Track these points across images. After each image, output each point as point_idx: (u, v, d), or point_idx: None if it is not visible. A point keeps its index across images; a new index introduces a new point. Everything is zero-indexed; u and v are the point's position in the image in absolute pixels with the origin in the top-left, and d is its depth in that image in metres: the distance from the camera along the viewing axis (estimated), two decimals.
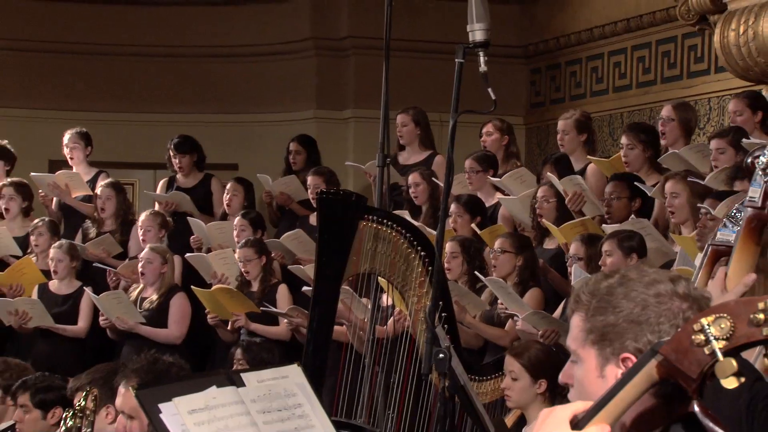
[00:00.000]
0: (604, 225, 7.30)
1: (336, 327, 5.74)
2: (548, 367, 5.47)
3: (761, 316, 2.24)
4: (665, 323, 2.46)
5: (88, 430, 4.46)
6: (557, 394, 5.41)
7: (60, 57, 11.83)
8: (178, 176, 9.95)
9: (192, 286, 8.32)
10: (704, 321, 2.29)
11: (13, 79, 11.72)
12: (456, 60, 4.55)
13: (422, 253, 5.10)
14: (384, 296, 5.89)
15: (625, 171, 7.76)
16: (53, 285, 8.84)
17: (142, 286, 8.52)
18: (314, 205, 8.28)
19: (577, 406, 2.40)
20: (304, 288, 7.61)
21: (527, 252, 7.27)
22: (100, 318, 8.41)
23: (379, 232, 5.07)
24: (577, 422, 2.37)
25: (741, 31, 8.02)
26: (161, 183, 10.22)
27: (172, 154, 9.91)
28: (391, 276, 5.16)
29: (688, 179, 6.81)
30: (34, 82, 11.77)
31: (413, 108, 9.42)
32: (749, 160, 6.13)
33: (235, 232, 8.82)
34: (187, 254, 8.96)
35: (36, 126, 11.37)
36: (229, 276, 8.42)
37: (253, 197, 9.57)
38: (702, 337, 2.28)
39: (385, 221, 5.09)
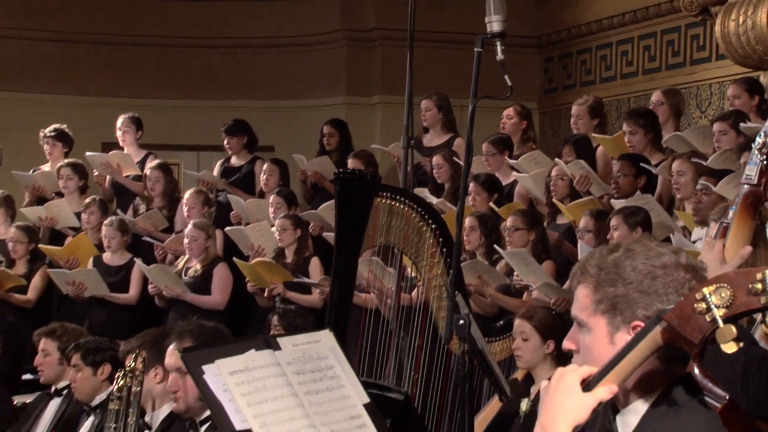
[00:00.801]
0: (612, 201, 7.29)
1: (359, 294, 5.75)
2: (555, 330, 5.48)
3: (759, 286, 2.23)
4: (673, 293, 2.44)
5: (138, 388, 4.47)
6: (564, 355, 5.42)
7: (114, 49, 11.88)
8: (232, 158, 10.00)
9: (234, 258, 8.34)
10: (706, 290, 2.29)
11: (72, 69, 11.78)
12: (475, 49, 4.54)
13: (433, 226, 5.08)
14: (408, 268, 5.89)
15: (630, 153, 7.75)
16: (106, 257, 8.88)
17: (188, 257, 8.55)
18: None
19: (584, 370, 2.40)
20: None
21: (538, 227, 7.28)
22: (150, 286, 8.45)
23: (393, 208, 5.06)
24: (587, 384, 2.37)
25: (740, 21, 8.00)
26: (218, 163, 10.23)
27: (222, 136, 9.95)
28: (405, 248, 5.15)
29: (692, 160, 6.81)
30: (90, 72, 11.81)
31: (436, 94, 9.42)
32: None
33: (270, 209, 8.83)
34: (227, 228, 8.98)
35: (92, 111, 11.42)
36: (265, 247, 8.43)
37: (288, 176, 9.58)
38: (704, 305, 2.28)
39: (398, 197, 5.08)
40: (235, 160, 10.00)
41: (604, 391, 2.35)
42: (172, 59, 11.97)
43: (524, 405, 5.47)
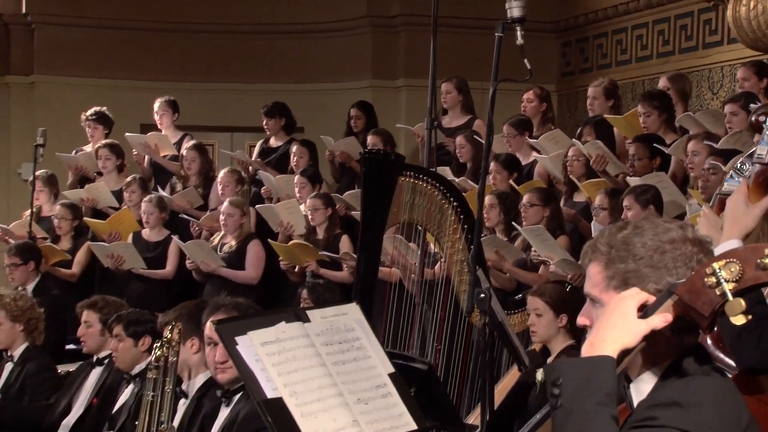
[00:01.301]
0: (628, 178, 7.26)
1: (383, 269, 5.75)
2: (568, 303, 5.48)
3: (767, 260, 2.23)
4: (681, 266, 2.44)
5: (174, 358, 4.49)
6: (577, 328, 5.42)
7: (152, 35, 11.91)
8: (271, 138, 10.01)
9: (269, 241, 8.35)
10: (716, 265, 2.29)
11: (113, 54, 11.81)
12: (496, 34, 4.51)
13: (455, 204, 5.08)
14: (431, 244, 5.89)
15: (645, 133, 7.71)
16: (145, 233, 8.92)
17: (223, 233, 8.57)
18: None
19: (643, 296, 2.38)
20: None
21: (553, 204, 7.27)
22: (187, 261, 8.48)
23: (416, 186, 5.05)
24: (644, 310, 2.35)
25: (751, 6, 7.95)
26: (258, 143, 10.24)
27: (262, 118, 9.97)
28: (428, 224, 5.15)
29: (705, 141, 6.78)
30: (129, 58, 11.84)
31: (456, 77, 9.40)
32: (753, 119, 6.10)
33: (296, 189, 8.85)
34: (257, 205, 9.00)
35: (131, 94, 11.46)
36: (294, 224, 8.44)
37: (317, 157, 9.58)
38: (714, 279, 2.28)
39: (421, 176, 5.07)
40: (273, 141, 10.01)
41: (659, 319, 2.32)
42: (206, 45, 11.98)
43: (539, 375, 5.46)
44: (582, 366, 2.31)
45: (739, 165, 3.65)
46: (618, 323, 2.33)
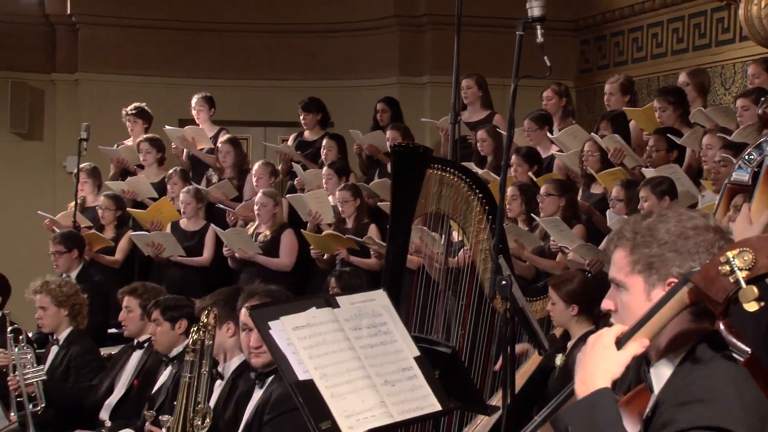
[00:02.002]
0: (644, 170, 7.22)
1: (410, 257, 5.74)
2: (580, 295, 5.49)
3: None
4: (703, 252, 2.44)
5: (210, 342, 4.50)
6: (590, 315, 5.46)
7: (190, 35, 11.94)
8: (305, 132, 10.02)
9: (302, 231, 8.36)
10: (729, 254, 2.28)
11: (153, 52, 11.86)
12: (517, 32, 4.50)
13: (480, 195, 5.06)
14: (454, 233, 5.87)
15: (662, 126, 7.67)
16: (183, 223, 8.95)
17: (257, 223, 8.59)
18: None
19: (617, 328, 2.41)
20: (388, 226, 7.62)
21: (569, 194, 7.25)
22: (224, 249, 8.50)
23: (444, 178, 5.04)
24: (618, 341, 2.39)
25: (762, 5, 7.89)
26: (291, 137, 10.25)
27: (299, 112, 9.97)
28: (454, 215, 5.14)
29: (718, 134, 6.74)
30: (169, 56, 11.89)
31: (476, 74, 9.39)
32: (760, 111, 6.05)
33: (324, 180, 8.86)
34: (288, 195, 9.02)
35: (169, 91, 11.50)
36: (322, 213, 8.44)
37: (345, 149, 9.58)
38: (728, 267, 2.28)
39: (448, 169, 5.06)
40: (308, 135, 10.01)
41: (636, 346, 2.37)
42: (241, 44, 12.00)
43: (559, 360, 5.47)
44: (583, 406, 2.34)
45: (746, 156, 3.63)
46: (601, 359, 2.37)
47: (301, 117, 9.98)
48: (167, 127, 10.12)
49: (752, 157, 3.59)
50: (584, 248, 6.63)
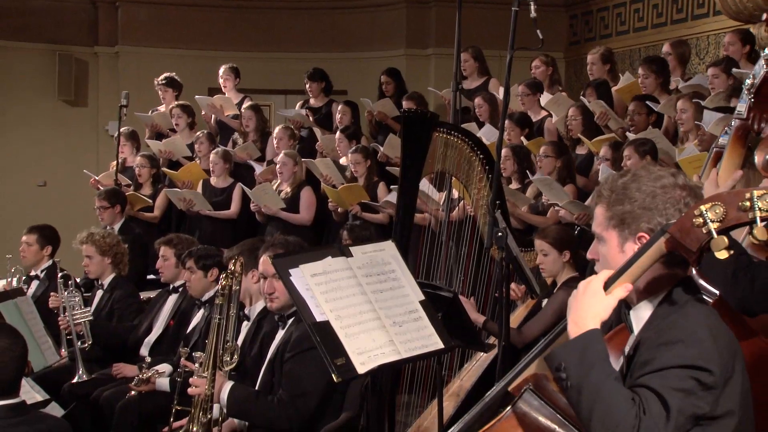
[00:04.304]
0: (628, 134, 7.20)
1: (416, 214, 5.73)
2: (568, 241, 5.43)
3: (747, 203, 2.23)
4: (670, 208, 2.45)
5: (237, 287, 4.51)
6: (580, 262, 5.39)
7: (218, 11, 11.89)
8: (310, 99, 9.97)
9: (323, 185, 8.33)
10: (703, 207, 2.28)
11: (186, 27, 11.81)
12: (512, 8, 4.48)
13: (481, 156, 5.05)
14: (454, 190, 5.86)
15: (643, 93, 7.63)
16: (212, 180, 8.93)
17: (279, 181, 8.57)
18: None
19: (605, 274, 2.42)
20: (392, 186, 7.62)
21: (565, 156, 7.19)
22: (251, 204, 8.48)
23: (448, 141, 5.02)
24: (605, 284, 2.40)
25: None
26: (298, 104, 10.21)
27: (305, 81, 9.92)
28: (458, 174, 5.13)
29: (693, 100, 6.70)
30: (200, 30, 11.84)
31: (472, 47, 9.31)
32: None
33: (337, 144, 8.84)
34: (303, 159, 9.00)
35: (200, 62, 11.44)
36: (331, 176, 8.41)
37: (359, 115, 9.54)
38: (701, 219, 2.28)
39: (452, 132, 5.04)
40: (313, 102, 9.96)
41: (621, 290, 2.38)
42: (265, 19, 11.94)
43: (545, 304, 5.45)
44: (575, 345, 2.34)
45: (732, 123, 3.60)
46: (592, 302, 2.37)
47: (308, 86, 9.90)
48: (197, 96, 10.09)
49: (735, 122, 3.58)
50: (572, 204, 6.60)
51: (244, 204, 8.68)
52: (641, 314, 2.49)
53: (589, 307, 2.37)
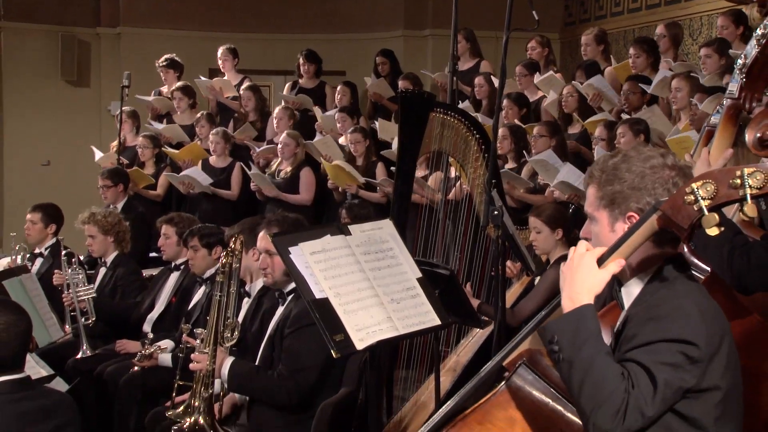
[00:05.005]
0: (623, 115, 7.19)
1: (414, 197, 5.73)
2: (561, 219, 5.42)
3: (738, 181, 2.23)
4: (659, 188, 2.47)
5: (237, 265, 4.51)
6: (573, 239, 5.38)
7: None
8: (301, 80, 9.92)
9: (322, 160, 8.32)
10: (694, 185, 2.28)
11: (186, 9, 11.77)
12: None
13: (477, 136, 5.04)
14: (452, 170, 5.85)
15: (634, 73, 7.61)
16: (212, 160, 8.92)
17: (280, 160, 8.56)
18: None
19: (599, 250, 2.44)
20: (392, 168, 7.62)
21: (558, 135, 7.19)
22: (252, 184, 8.47)
23: (445, 121, 5.01)
24: (598, 260, 2.41)
25: None
26: (287, 85, 10.18)
27: (302, 62, 9.87)
28: (454, 153, 5.12)
29: (691, 74, 6.70)
30: (199, 12, 11.81)
31: (464, 29, 9.24)
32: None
33: (337, 122, 8.83)
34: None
35: (200, 43, 11.40)
36: (331, 155, 8.39)
37: (357, 95, 9.52)
38: (692, 197, 2.28)
39: (449, 112, 5.02)
40: (304, 82, 9.91)
41: (615, 265, 2.40)
42: (264, 1, 11.88)
43: (537, 282, 5.45)
44: (569, 319, 2.35)
45: (723, 103, 3.60)
46: (586, 277, 2.38)
47: (305, 66, 9.84)
48: (197, 79, 10.06)
49: (727, 101, 3.57)
50: (563, 184, 6.59)
51: (243, 183, 8.68)
52: (632, 291, 2.51)
53: (584, 281, 2.38)
